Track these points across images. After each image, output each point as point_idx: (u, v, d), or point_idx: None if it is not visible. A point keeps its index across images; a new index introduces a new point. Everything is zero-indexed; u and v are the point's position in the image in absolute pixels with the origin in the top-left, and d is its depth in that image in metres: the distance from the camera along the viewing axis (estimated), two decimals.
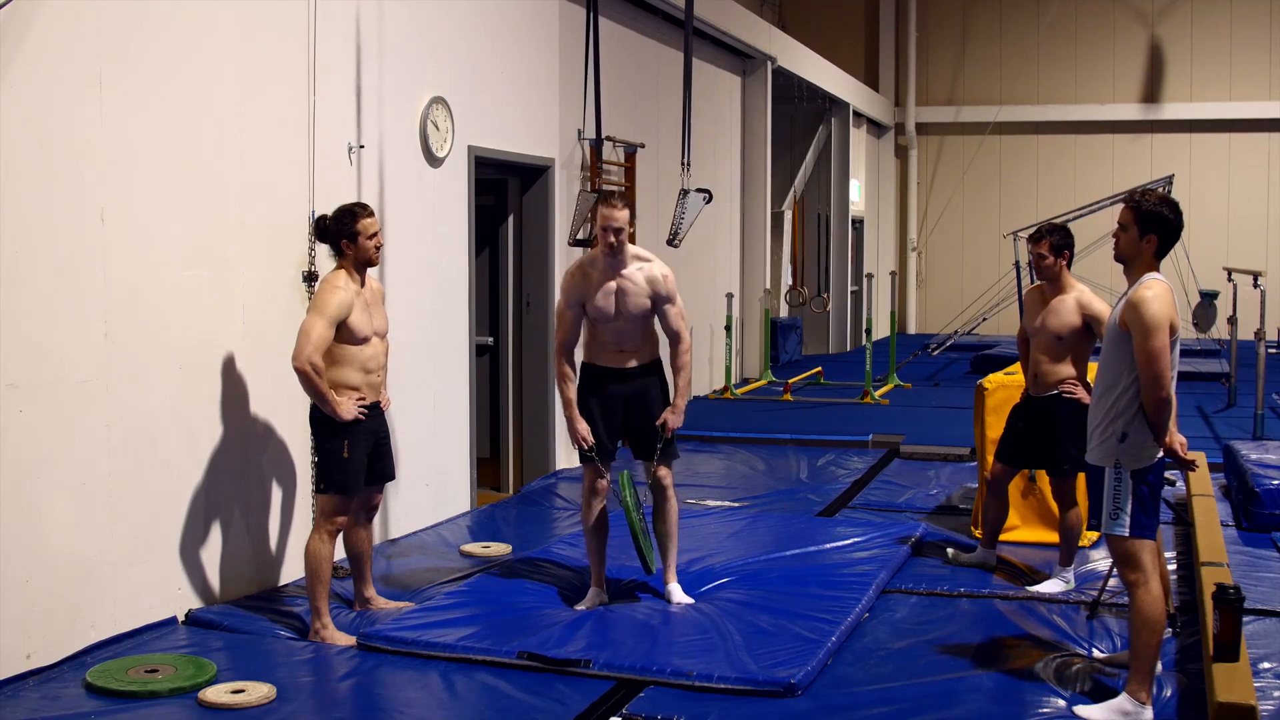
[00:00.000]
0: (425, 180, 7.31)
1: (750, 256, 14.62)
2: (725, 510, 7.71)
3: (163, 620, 5.34)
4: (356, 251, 5.31)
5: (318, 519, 5.44)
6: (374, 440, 5.43)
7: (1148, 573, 4.31)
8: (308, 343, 5.11)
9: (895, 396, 13.10)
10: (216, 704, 4.45)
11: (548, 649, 4.89)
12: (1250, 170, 20.59)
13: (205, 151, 5.58)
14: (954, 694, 4.62)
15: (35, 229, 4.73)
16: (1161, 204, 4.39)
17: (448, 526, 7.34)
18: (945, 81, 21.76)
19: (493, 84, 7.98)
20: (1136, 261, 4.41)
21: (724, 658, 4.80)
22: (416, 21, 7.20)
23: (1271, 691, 4.61)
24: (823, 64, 17.00)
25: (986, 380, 7.04)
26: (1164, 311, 4.24)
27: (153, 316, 5.30)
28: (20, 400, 4.67)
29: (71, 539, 4.92)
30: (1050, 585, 5.91)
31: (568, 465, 9.16)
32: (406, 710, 4.51)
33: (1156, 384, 4.21)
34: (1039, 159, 21.58)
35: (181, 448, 5.48)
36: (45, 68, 4.76)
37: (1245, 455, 7.70)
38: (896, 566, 6.26)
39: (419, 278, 7.20)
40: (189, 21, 5.48)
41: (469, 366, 7.82)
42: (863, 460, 9.49)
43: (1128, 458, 4.33)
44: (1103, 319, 5.73)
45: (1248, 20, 20.43)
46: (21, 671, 4.67)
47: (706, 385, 13.16)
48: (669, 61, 11.84)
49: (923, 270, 22.33)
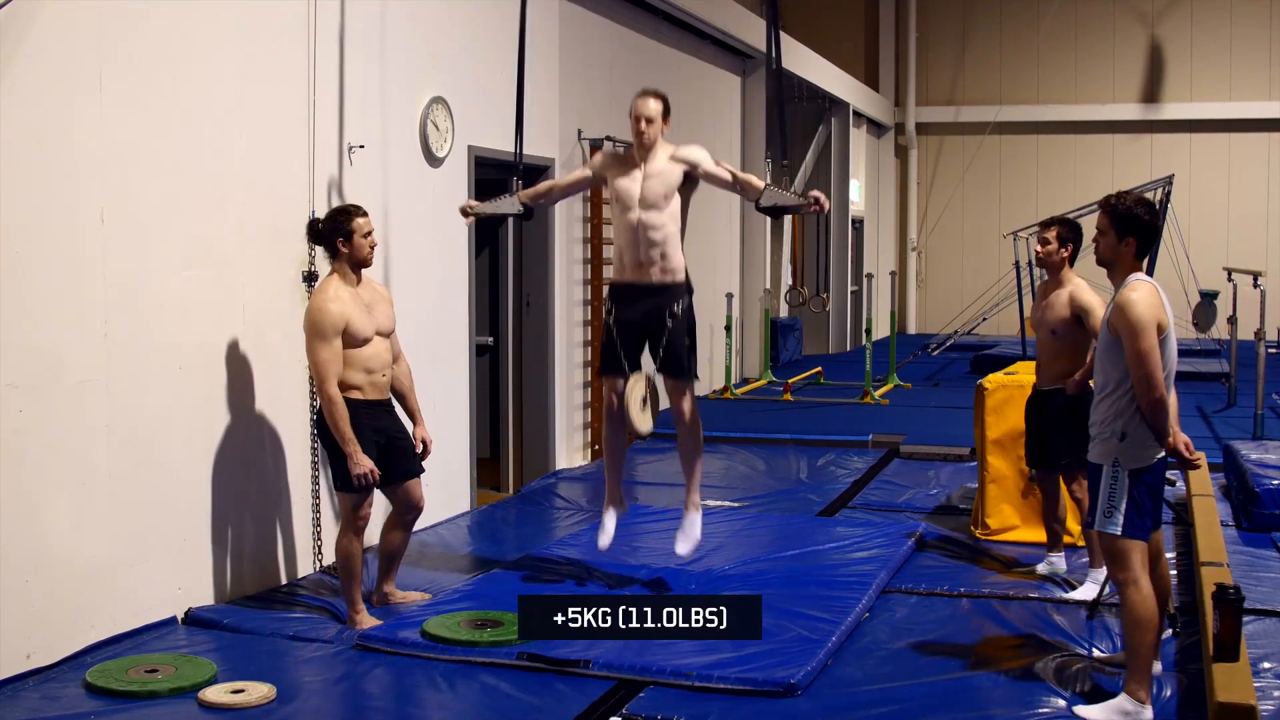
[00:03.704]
0: (425, 180, 7.31)
1: (750, 256, 14.62)
2: (725, 510, 7.71)
3: (163, 620, 5.34)
4: (352, 251, 5.32)
5: (341, 517, 5.49)
6: (386, 439, 5.42)
7: (1137, 572, 4.33)
8: (322, 371, 5.21)
9: (895, 396, 13.10)
10: (216, 704, 4.45)
11: (548, 649, 4.89)
12: (1250, 170, 20.59)
13: (205, 151, 5.58)
14: (954, 694, 4.62)
15: (35, 229, 4.73)
16: (1137, 205, 4.40)
17: (448, 526, 7.34)
18: (945, 81, 21.76)
19: (493, 84, 7.98)
20: (1119, 264, 4.43)
21: (724, 658, 4.80)
22: (416, 21, 7.20)
23: (1271, 691, 4.61)
24: (822, 64, 16.99)
25: (986, 380, 7.04)
26: (1149, 312, 4.25)
27: (153, 316, 5.30)
28: (20, 400, 4.67)
29: (71, 539, 4.92)
30: (1085, 590, 5.84)
31: (568, 465, 9.16)
32: (406, 710, 4.51)
33: (1148, 385, 4.22)
34: (1039, 159, 21.58)
35: (181, 448, 5.48)
36: (45, 68, 4.76)
37: (1245, 455, 7.71)
38: (896, 566, 6.27)
39: (419, 278, 7.20)
40: (189, 21, 5.47)
41: (469, 366, 7.82)
42: (863, 460, 9.49)
43: (1127, 457, 4.33)
44: (1090, 310, 5.76)
45: (1248, 20, 20.43)
46: (21, 671, 4.67)
47: (707, 385, 13.16)
48: (669, 61, 11.85)
49: (923, 270, 22.33)
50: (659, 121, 5.50)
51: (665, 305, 5.57)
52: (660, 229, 5.52)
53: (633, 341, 5.64)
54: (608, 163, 5.70)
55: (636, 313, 5.60)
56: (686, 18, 11.78)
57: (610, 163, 5.69)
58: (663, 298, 5.58)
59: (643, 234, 5.53)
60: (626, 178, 5.56)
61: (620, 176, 5.58)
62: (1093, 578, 5.85)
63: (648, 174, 5.52)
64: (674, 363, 5.60)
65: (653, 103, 5.50)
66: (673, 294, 5.60)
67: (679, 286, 5.63)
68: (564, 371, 9.18)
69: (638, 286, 5.60)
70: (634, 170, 5.55)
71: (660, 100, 5.53)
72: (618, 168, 5.62)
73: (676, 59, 12.10)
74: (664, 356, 5.58)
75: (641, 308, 5.60)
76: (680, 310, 5.59)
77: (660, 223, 5.52)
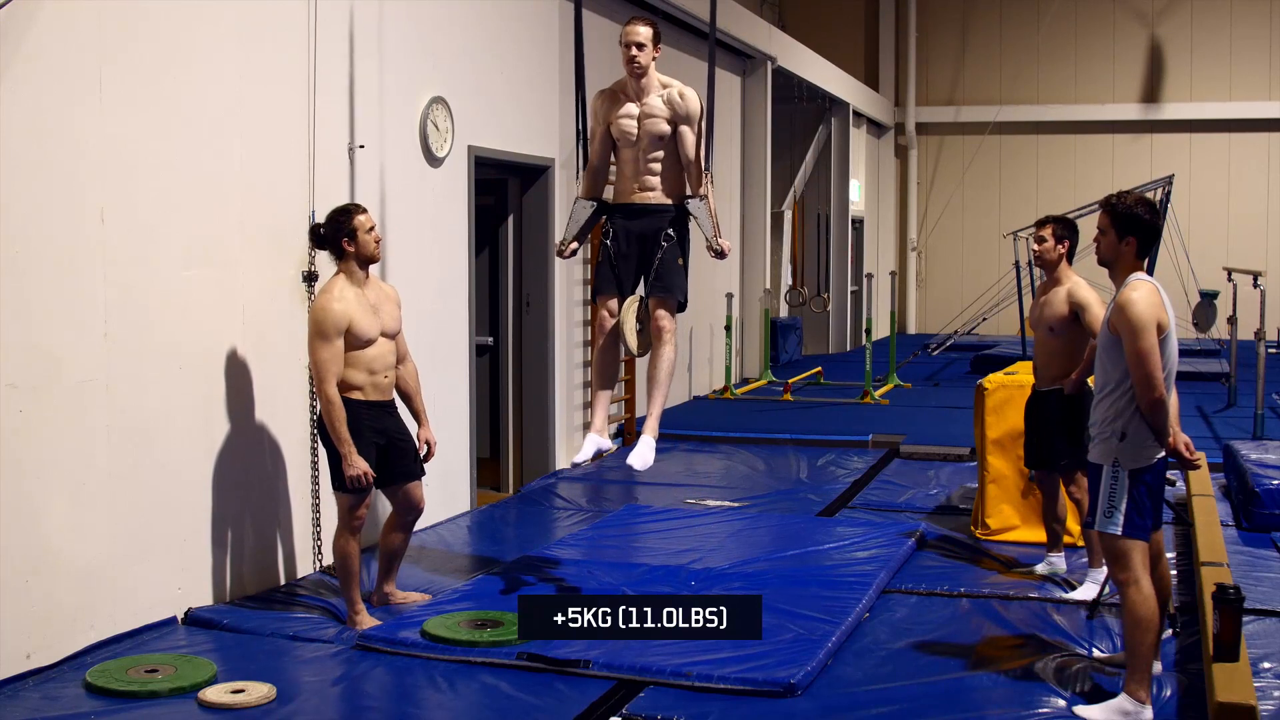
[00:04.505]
0: (425, 180, 7.31)
1: (750, 256, 14.62)
2: (725, 510, 7.71)
3: (162, 620, 5.34)
4: (358, 249, 5.32)
5: (339, 517, 5.49)
6: (387, 440, 5.42)
7: (1137, 572, 4.33)
8: (321, 372, 5.21)
9: (895, 396, 13.10)
10: (216, 704, 4.45)
11: (548, 649, 4.89)
12: (1250, 170, 20.58)
13: (205, 151, 5.58)
14: (954, 694, 4.62)
15: (35, 229, 4.73)
16: (1137, 204, 4.40)
17: (448, 526, 7.34)
18: (945, 81, 21.76)
19: (493, 84, 7.98)
20: (1119, 264, 4.43)
21: (723, 658, 4.80)
22: (416, 21, 7.20)
23: (1271, 691, 4.61)
24: (823, 64, 17.00)
25: (986, 380, 7.04)
26: (1150, 312, 4.25)
27: (153, 316, 5.30)
28: (20, 400, 4.67)
29: (71, 539, 4.92)
30: (1085, 590, 5.85)
31: (568, 465, 9.16)
32: (406, 710, 4.51)
33: (1148, 385, 4.22)
34: (1039, 159, 21.58)
35: (181, 448, 5.48)
36: (45, 68, 4.76)
37: (1245, 455, 7.71)
38: (896, 566, 6.27)
39: (419, 278, 7.20)
40: (189, 21, 5.47)
41: (469, 366, 7.82)
42: (863, 460, 9.49)
43: (1127, 457, 4.33)
44: (1087, 306, 5.77)
45: (1248, 20, 20.43)
46: (21, 671, 4.67)
47: (706, 385, 13.16)
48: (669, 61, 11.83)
49: (923, 270, 22.33)
50: (650, 47, 5.40)
51: (661, 226, 5.49)
52: (660, 160, 5.47)
53: (629, 261, 5.54)
54: (606, 106, 5.57)
55: (633, 232, 5.51)
56: (686, 18, 11.78)
57: (608, 104, 5.56)
58: (659, 218, 5.50)
59: (643, 164, 5.48)
60: (624, 115, 5.48)
61: (619, 116, 5.49)
62: (1092, 578, 5.84)
63: (644, 113, 5.45)
64: (663, 282, 5.47)
65: (642, 28, 5.39)
66: (669, 216, 5.52)
67: (676, 209, 5.53)
68: (564, 371, 9.18)
69: (635, 207, 5.52)
70: (629, 106, 5.47)
71: (650, 25, 5.43)
72: (614, 106, 5.52)
73: (676, 59, 12.09)
74: (655, 277, 5.49)
75: (638, 227, 5.51)
76: (676, 233, 5.51)
77: (660, 155, 5.46)
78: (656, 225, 5.49)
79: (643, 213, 5.50)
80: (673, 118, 5.42)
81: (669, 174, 5.50)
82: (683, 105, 5.43)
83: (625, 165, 5.56)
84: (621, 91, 5.52)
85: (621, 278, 5.53)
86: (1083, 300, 5.81)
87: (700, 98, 5.48)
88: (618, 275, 5.52)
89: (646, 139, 5.45)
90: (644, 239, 5.50)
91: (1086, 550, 6.02)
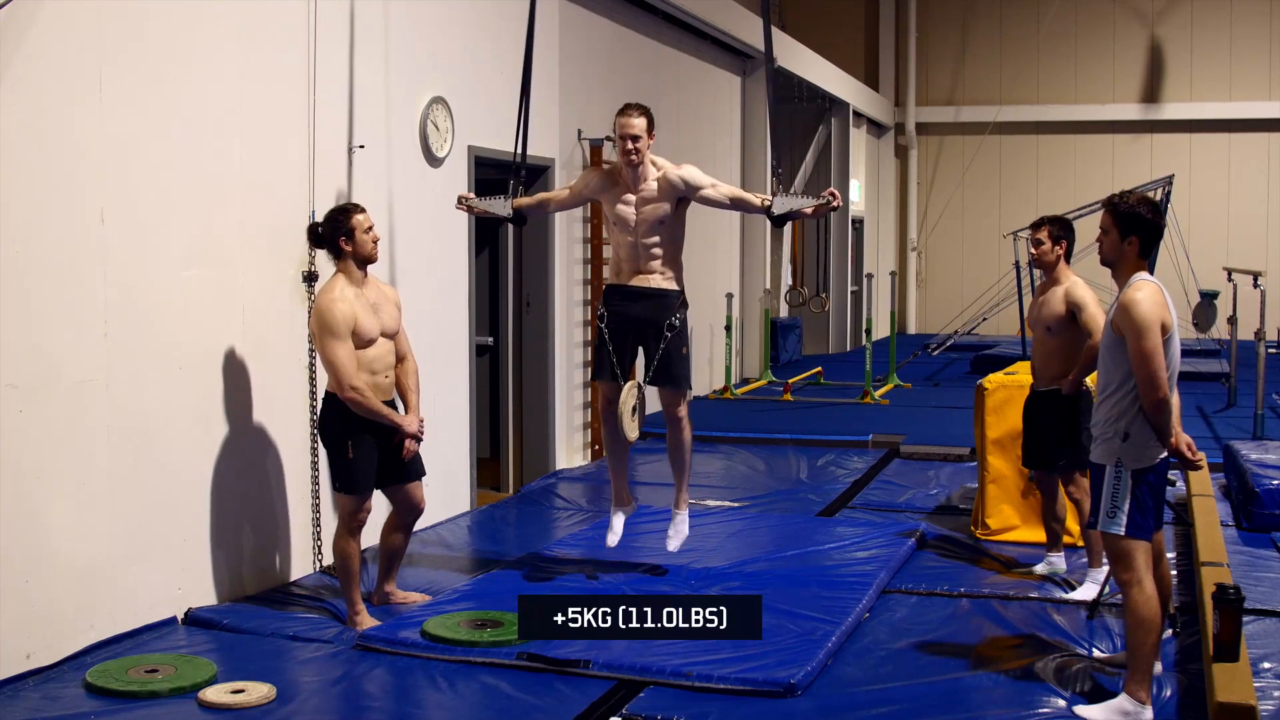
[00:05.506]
0: (425, 180, 7.31)
1: (750, 256, 14.62)
2: (725, 510, 7.71)
3: (163, 620, 5.34)
4: (355, 248, 5.32)
5: (339, 518, 5.48)
6: (387, 439, 5.42)
7: (1140, 572, 4.32)
8: (341, 370, 5.19)
9: (895, 396, 13.10)
10: (216, 704, 4.45)
11: (548, 649, 4.89)
12: (1250, 170, 20.59)
13: (205, 151, 5.58)
14: (954, 694, 4.62)
15: (35, 229, 4.73)
16: (1140, 204, 4.40)
17: (448, 526, 7.34)
18: (945, 81, 21.76)
19: (493, 84, 7.98)
20: (1122, 264, 4.43)
21: (724, 658, 4.80)
22: (417, 21, 7.20)
23: (1271, 691, 4.61)
24: (822, 64, 16.99)
25: (986, 380, 7.04)
26: (1154, 312, 4.25)
27: (153, 316, 5.30)
28: (20, 400, 4.67)
29: (71, 539, 4.92)
30: (1085, 590, 5.84)
31: (567, 465, 9.16)
32: (406, 710, 4.51)
33: (1152, 385, 4.21)
34: (1039, 159, 21.58)
35: (181, 448, 5.48)
36: (45, 68, 4.76)
37: (1245, 455, 7.71)
38: (896, 566, 6.27)
39: (419, 278, 7.20)
40: (189, 22, 5.47)
41: (469, 366, 7.82)
42: (863, 460, 9.49)
43: (1129, 457, 4.33)
44: (1083, 306, 5.78)
45: (1248, 20, 20.43)
46: (21, 671, 4.67)
47: (706, 385, 13.16)
48: (669, 61, 11.85)
49: (923, 270, 22.33)
50: (645, 138, 5.51)
51: (663, 316, 5.59)
52: (658, 245, 5.59)
53: (625, 346, 5.66)
54: (598, 184, 5.67)
55: (630, 317, 5.62)
56: (686, 18, 11.78)
57: (602, 183, 5.66)
58: (660, 305, 5.61)
59: (641, 250, 5.60)
60: (620, 202, 5.58)
61: (614, 201, 5.59)
62: (1092, 578, 5.84)
63: (641, 199, 5.55)
64: (671, 375, 5.65)
65: (636, 119, 5.48)
66: (670, 303, 5.63)
67: (676, 295, 5.66)
68: (564, 371, 9.18)
69: (634, 290, 5.62)
70: (626, 194, 5.57)
71: (644, 115, 5.52)
72: (609, 189, 5.62)
73: (676, 59, 12.10)
74: (660, 368, 5.63)
75: (636, 312, 5.61)
76: (679, 322, 5.63)
77: (658, 241, 5.59)
78: (657, 313, 5.61)
79: (642, 296, 5.62)
80: (679, 197, 5.55)
81: (668, 256, 5.62)
82: (683, 185, 5.56)
83: (621, 249, 5.64)
84: (618, 174, 5.60)
85: (618, 365, 5.65)
86: (1079, 300, 5.82)
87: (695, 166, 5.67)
88: (614, 361, 5.64)
89: (645, 225, 5.55)
90: (642, 324, 5.62)
91: (1086, 550, 6.02)
